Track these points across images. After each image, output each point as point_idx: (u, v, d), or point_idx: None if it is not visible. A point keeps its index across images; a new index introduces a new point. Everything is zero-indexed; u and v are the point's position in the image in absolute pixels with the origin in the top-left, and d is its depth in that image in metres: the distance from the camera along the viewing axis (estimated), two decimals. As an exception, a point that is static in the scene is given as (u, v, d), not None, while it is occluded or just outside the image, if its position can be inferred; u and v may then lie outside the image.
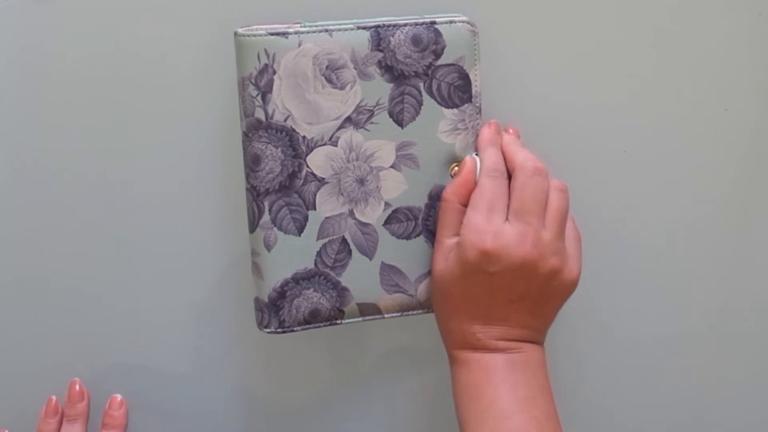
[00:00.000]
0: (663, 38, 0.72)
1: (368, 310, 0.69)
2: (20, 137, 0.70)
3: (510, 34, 0.71)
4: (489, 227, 0.63)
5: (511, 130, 0.69)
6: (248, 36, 0.64)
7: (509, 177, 0.66)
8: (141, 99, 0.70)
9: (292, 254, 0.67)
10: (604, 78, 0.73)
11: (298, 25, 0.65)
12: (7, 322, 0.74)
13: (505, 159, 0.67)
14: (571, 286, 0.66)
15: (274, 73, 0.64)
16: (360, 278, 0.68)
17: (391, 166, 0.67)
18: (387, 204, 0.68)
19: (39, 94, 0.69)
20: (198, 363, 0.76)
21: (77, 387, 0.74)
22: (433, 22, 0.66)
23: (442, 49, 0.66)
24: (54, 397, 0.74)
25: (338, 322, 0.69)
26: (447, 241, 0.66)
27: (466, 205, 0.66)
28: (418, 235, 0.68)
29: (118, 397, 0.75)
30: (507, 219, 0.64)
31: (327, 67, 0.65)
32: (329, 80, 0.65)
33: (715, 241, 0.78)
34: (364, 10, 0.67)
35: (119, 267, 0.73)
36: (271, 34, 0.64)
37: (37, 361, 0.75)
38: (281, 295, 0.67)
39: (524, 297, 0.65)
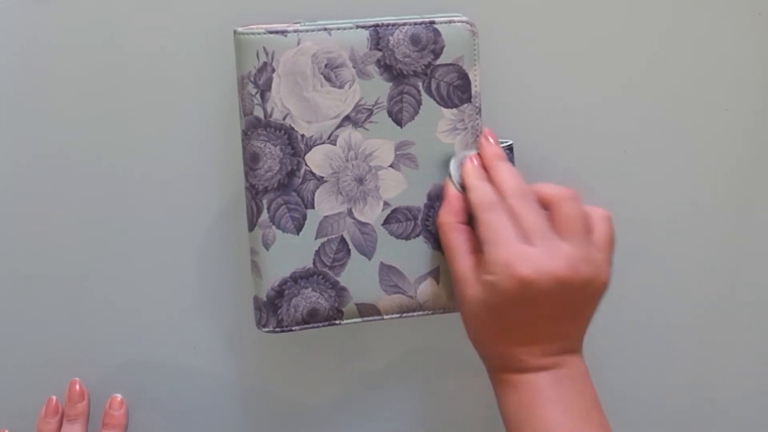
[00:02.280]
0: (663, 38, 0.72)
1: (367, 310, 0.68)
2: (20, 137, 0.70)
3: (510, 34, 0.71)
4: (515, 255, 0.61)
5: (490, 138, 0.67)
6: (247, 34, 0.64)
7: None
8: (141, 98, 0.70)
9: (291, 253, 0.67)
10: (604, 78, 0.73)
11: (298, 24, 0.65)
12: (6, 321, 0.74)
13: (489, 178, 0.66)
14: (602, 290, 0.64)
15: (273, 71, 0.64)
16: (359, 278, 0.68)
17: (390, 166, 0.67)
18: (386, 204, 0.68)
19: (39, 94, 0.69)
20: (198, 362, 0.75)
21: (77, 387, 0.74)
22: (432, 22, 0.66)
23: (441, 48, 0.66)
24: (54, 397, 0.74)
25: (337, 322, 0.68)
26: (466, 267, 0.65)
27: (463, 222, 0.66)
28: (418, 236, 0.68)
29: (119, 396, 0.75)
30: (527, 242, 0.62)
31: (326, 65, 0.65)
32: (328, 79, 0.65)
33: (715, 242, 0.77)
34: (364, 10, 0.67)
35: (118, 266, 0.73)
36: (271, 33, 0.64)
37: (37, 361, 0.74)
38: (279, 294, 0.67)
39: (561, 310, 0.63)
